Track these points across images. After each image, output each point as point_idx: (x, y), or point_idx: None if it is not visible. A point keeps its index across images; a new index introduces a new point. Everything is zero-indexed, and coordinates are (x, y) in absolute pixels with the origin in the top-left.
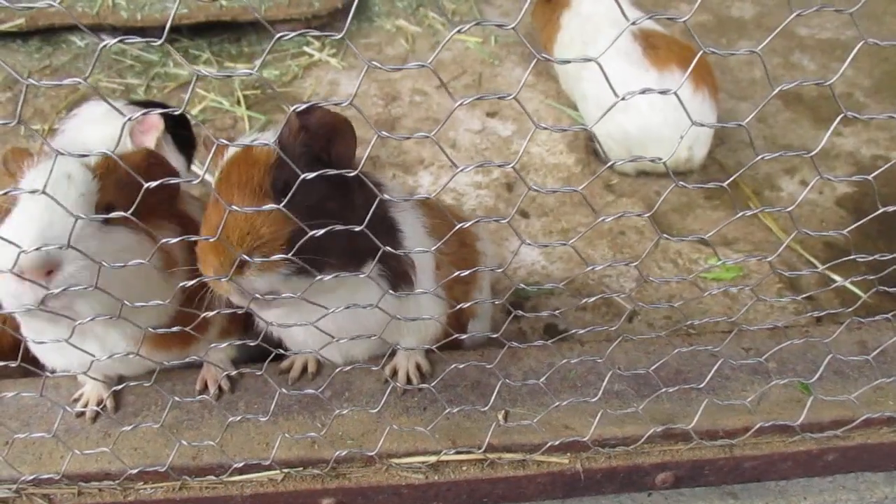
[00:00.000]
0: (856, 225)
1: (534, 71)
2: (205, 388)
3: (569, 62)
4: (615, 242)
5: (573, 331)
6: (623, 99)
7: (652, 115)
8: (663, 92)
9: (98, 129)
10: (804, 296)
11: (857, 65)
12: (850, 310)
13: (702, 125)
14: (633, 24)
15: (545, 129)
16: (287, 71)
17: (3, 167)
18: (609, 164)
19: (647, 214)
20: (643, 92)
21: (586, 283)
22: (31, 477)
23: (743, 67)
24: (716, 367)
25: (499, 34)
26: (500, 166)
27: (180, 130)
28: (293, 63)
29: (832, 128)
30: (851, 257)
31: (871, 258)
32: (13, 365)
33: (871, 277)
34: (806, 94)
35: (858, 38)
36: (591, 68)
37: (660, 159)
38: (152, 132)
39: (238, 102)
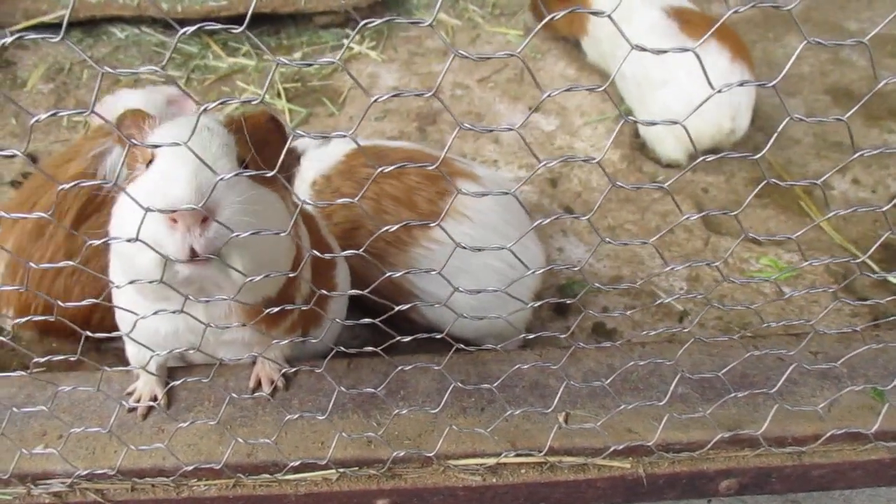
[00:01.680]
0: None
1: (576, 66)
2: (258, 386)
3: (666, 51)
4: (663, 241)
5: (623, 330)
6: (719, 91)
7: (693, 89)
8: (723, 88)
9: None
10: (885, 300)
11: None
12: None
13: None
14: (736, 11)
15: (634, 120)
16: (326, 64)
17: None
18: (695, 164)
19: (734, 214)
20: (742, 84)
21: (634, 282)
22: (86, 472)
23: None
24: (788, 373)
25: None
26: (584, 161)
27: None
28: (333, 56)
29: None
30: None
31: None
32: (73, 358)
33: None
34: (856, 90)
35: None
36: (627, 47)
37: (753, 155)
38: (187, 109)
39: (279, 95)
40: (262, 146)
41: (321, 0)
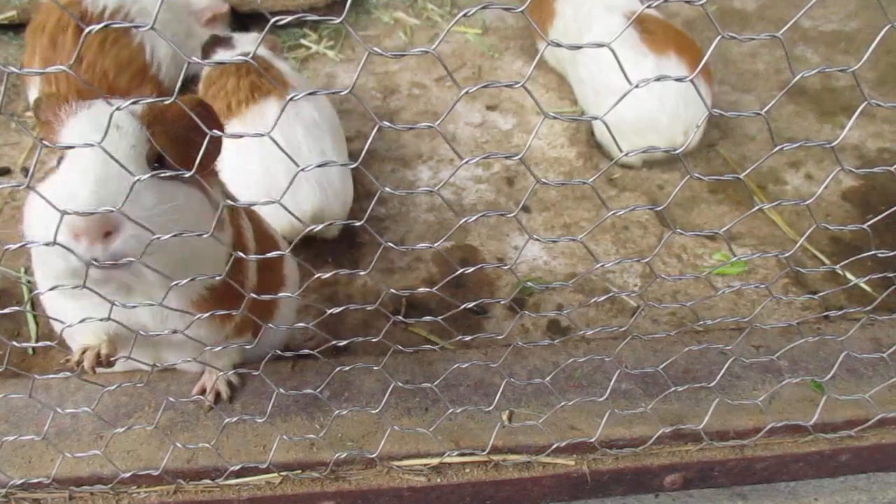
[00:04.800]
0: (877, 218)
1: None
2: (202, 392)
3: (580, 48)
4: (619, 237)
5: (577, 326)
6: (637, 87)
7: (649, 101)
8: (679, 79)
9: None
10: (820, 294)
11: (861, 56)
12: (866, 310)
13: (723, 114)
14: (650, 5)
15: (555, 118)
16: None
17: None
18: (617, 158)
19: (659, 209)
20: (658, 79)
21: (589, 279)
22: (21, 481)
23: (745, 59)
24: (727, 366)
25: (498, 25)
26: (506, 158)
27: None
28: (290, 55)
29: (856, 114)
30: (872, 253)
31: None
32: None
33: (891, 275)
34: (810, 86)
35: (865, 30)
36: (587, 53)
37: (674, 150)
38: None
39: None
40: (192, 133)
41: (278, 0)
